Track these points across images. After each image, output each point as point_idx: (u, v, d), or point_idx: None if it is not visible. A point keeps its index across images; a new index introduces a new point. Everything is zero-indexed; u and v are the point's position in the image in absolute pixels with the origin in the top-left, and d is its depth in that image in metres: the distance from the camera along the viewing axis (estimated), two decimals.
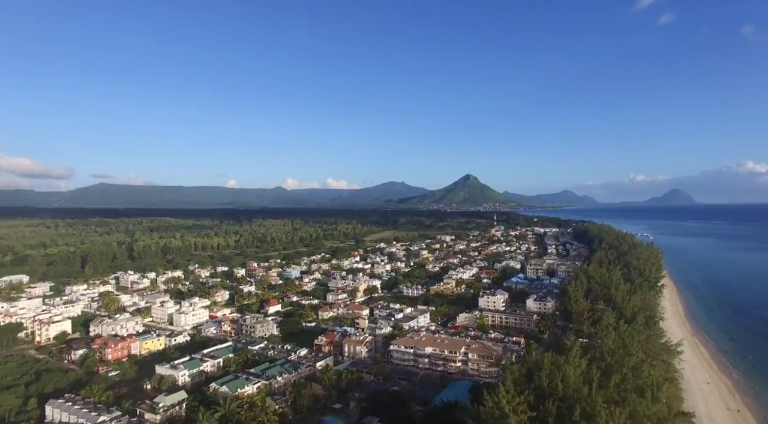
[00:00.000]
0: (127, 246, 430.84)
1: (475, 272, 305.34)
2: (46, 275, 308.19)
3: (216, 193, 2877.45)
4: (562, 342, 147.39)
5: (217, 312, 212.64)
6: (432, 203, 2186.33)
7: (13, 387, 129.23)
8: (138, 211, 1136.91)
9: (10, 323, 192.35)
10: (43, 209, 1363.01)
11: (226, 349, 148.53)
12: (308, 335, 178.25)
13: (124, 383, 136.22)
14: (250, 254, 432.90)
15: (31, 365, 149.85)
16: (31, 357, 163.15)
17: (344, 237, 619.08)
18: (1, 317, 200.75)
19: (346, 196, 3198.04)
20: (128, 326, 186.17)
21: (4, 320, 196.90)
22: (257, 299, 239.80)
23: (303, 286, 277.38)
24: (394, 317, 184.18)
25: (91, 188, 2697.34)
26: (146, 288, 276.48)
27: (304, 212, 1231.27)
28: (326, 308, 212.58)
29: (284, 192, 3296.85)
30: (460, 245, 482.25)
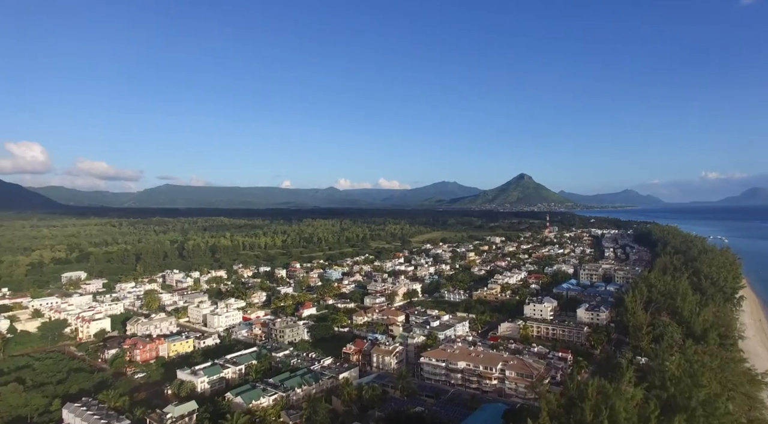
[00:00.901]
0: (178, 245, 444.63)
1: (523, 277, 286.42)
2: (102, 272, 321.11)
3: (271, 194, 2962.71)
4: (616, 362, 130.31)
5: (251, 314, 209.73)
6: (484, 203, 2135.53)
7: (44, 385, 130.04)
8: (196, 211, 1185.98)
9: (58, 318, 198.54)
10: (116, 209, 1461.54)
11: (249, 355, 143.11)
12: (339, 341, 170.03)
13: (147, 386, 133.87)
14: (295, 254, 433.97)
15: (66, 362, 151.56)
16: (70, 354, 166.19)
17: (391, 238, 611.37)
18: (51, 312, 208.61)
19: (397, 196, 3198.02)
20: (162, 326, 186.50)
21: (54, 315, 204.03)
22: (293, 301, 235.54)
23: (342, 288, 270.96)
24: (430, 324, 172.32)
25: (156, 189, 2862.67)
26: (188, 287, 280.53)
27: (354, 212, 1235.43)
28: (361, 312, 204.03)
29: (336, 192, 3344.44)
30: (510, 247, 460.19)
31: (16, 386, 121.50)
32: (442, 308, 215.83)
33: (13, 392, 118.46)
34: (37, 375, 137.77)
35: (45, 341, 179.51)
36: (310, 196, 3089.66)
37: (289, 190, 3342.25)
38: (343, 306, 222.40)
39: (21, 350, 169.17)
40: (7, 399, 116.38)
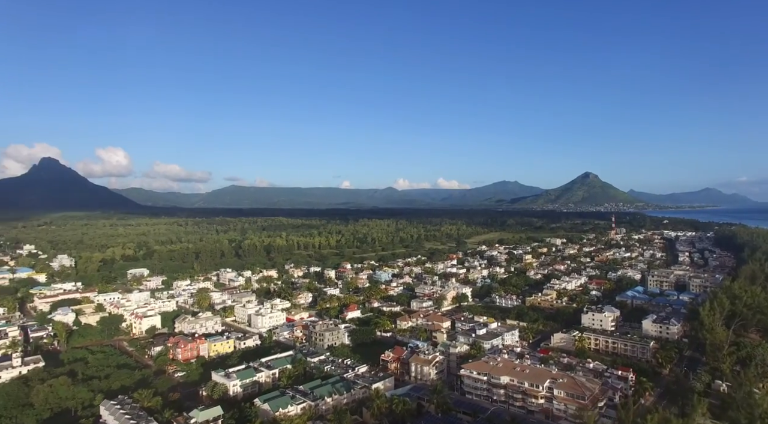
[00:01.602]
0: (236, 244, 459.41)
1: (583, 282, 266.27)
2: (163, 269, 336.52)
3: (330, 194, 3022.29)
4: (688, 386, 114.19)
5: (295, 315, 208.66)
6: (546, 203, 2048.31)
7: (92, 379, 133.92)
8: (258, 211, 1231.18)
9: (115, 314, 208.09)
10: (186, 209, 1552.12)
11: (284, 359, 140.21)
12: (380, 346, 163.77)
13: (184, 386, 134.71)
14: (348, 255, 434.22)
15: (115, 357, 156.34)
16: (122, 349, 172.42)
17: (446, 238, 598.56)
18: (111, 307, 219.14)
19: (456, 196, 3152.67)
20: (207, 324, 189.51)
21: (113, 310, 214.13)
22: (339, 302, 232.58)
23: (389, 290, 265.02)
24: (476, 332, 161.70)
25: (223, 190, 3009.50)
26: (239, 286, 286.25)
27: (411, 212, 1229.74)
28: (405, 317, 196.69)
29: (395, 192, 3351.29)
30: (571, 250, 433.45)
31: (65, 378, 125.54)
32: (491, 314, 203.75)
33: (62, 385, 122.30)
34: (87, 368, 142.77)
35: (103, 335, 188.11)
36: (369, 196, 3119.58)
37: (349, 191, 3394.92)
38: (388, 309, 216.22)
39: (82, 343, 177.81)
40: (57, 391, 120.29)
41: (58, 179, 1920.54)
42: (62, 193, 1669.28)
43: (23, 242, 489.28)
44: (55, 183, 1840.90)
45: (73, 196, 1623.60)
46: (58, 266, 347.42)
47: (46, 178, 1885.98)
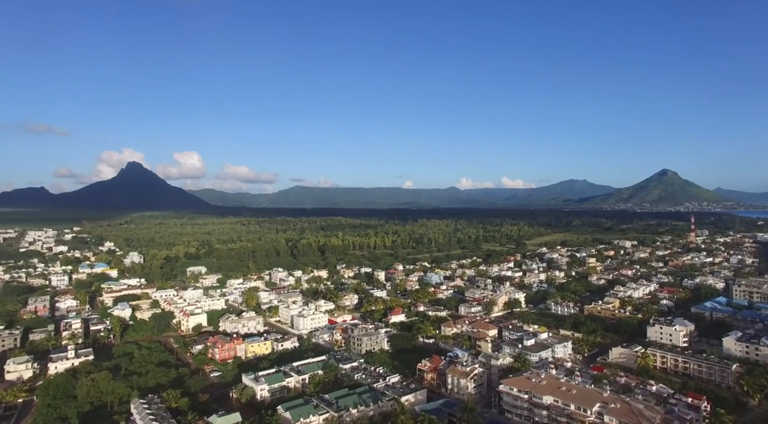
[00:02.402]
0: (292, 244, 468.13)
1: (653, 290, 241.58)
2: (220, 267, 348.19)
3: (393, 194, 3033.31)
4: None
5: (338, 317, 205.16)
6: (618, 203, 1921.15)
7: (132, 375, 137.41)
8: (320, 211, 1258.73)
9: (168, 310, 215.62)
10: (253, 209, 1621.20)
11: (316, 364, 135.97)
12: (421, 354, 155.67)
13: (215, 387, 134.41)
14: (402, 255, 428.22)
15: (159, 354, 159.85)
16: (168, 345, 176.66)
17: (506, 239, 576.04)
18: (165, 304, 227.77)
19: (520, 195, 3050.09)
20: (249, 324, 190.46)
21: (166, 307, 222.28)
22: (384, 305, 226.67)
23: (438, 293, 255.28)
24: (523, 342, 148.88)
25: (289, 191, 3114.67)
26: (289, 286, 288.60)
27: (473, 212, 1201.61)
28: (450, 322, 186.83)
29: (457, 192, 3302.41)
30: (642, 253, 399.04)
31: (106, 373, 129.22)
32: (544, 322, 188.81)
33: (103, 379, 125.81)
34: (131, 364, 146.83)
35: (155, 330, 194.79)
36: (431, 196, 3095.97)
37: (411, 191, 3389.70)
38: (434, 314, 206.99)
39: (134, 338, 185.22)
40: (98, 385, 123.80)
41: (141, 181, 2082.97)
42: (144, 194, 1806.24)
43: (105, 240, 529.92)
44: (139, 185, 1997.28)
45: (153, 197, 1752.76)
46: (130, 262, 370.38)
47: (132, 181, 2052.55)
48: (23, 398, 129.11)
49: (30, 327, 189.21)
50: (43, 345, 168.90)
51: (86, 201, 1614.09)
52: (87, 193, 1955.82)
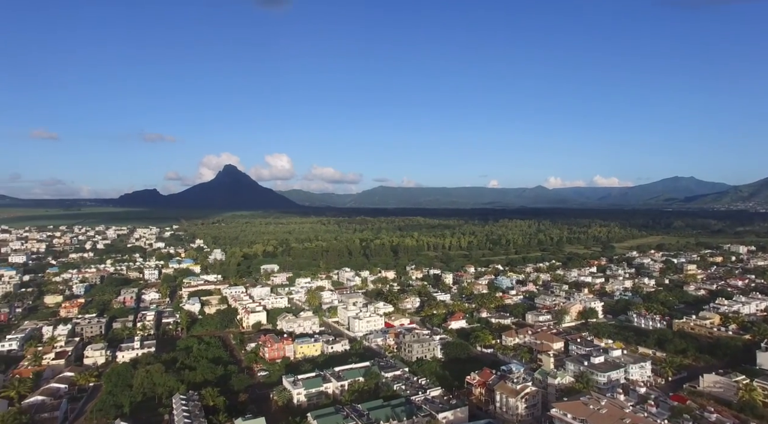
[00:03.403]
0: (366, 243, 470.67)
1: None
2: (292, 265, 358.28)
3: (476, 194, 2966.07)
4: None
5: (395, 320, 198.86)
6: (734, 202, 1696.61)
7: (185, 369, 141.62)
8: (401, 210, 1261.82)
9: (233, 307, 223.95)
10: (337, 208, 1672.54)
11: (358, 371, 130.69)
12: (476, 364, 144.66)
13: (260, 386, 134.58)
14: (475, 257, 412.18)
15: (215, 350, 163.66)
16: (227, 341, 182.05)
17: (592, 242, 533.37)
18: (232, 300, 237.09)
19: (615, 194, 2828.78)
20: (305, 324, 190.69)
21: (233, 303, 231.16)
22: (446, 310, 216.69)
23: (506, 299, 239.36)
24: (590, 360, 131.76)
25: (372, 191, 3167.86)
26: (355, 286, 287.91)
27: (560, 212, 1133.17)
28: (512, 332, 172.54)
29: (545, 191, 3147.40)
30: (760, 261, 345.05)
31: (159, 366, 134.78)
32: (622, 336, 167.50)
33: (157, 371, 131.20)
34: (187, 358, 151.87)
35: (219, 326, 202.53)
36: (517, 195, 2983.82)
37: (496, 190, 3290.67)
38: (497, 321, 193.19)
39: (199, 332, 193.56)
40: (152, 376, 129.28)
41: (235, 183, 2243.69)
42: (237, 195, 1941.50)
43: (197, 237, 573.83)
44: (233, 186, 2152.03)
45: (246, 197, 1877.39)
46: (213, 259, 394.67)
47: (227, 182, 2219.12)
48: (93, 382, 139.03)
49: (115, 316, 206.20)
50: (120, 334, 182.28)
51: (189, 201, 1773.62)
52: (190, 194, 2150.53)
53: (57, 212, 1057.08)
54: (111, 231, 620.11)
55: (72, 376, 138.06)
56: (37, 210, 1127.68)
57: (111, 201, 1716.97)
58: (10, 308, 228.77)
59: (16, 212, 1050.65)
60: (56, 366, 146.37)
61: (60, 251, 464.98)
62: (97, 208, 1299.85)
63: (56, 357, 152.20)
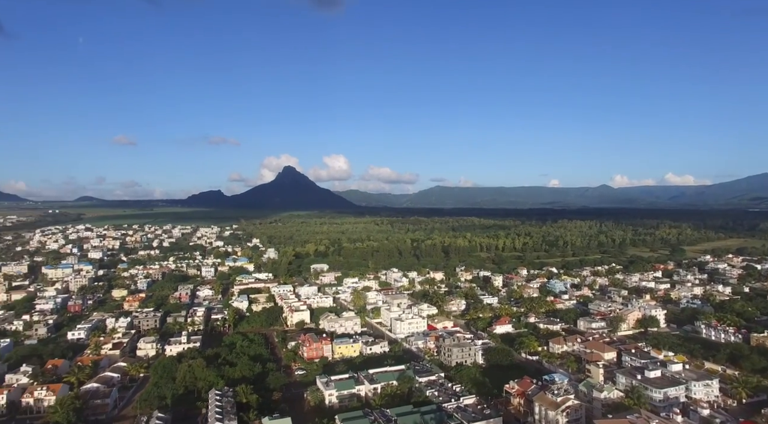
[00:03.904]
0: (417, 244, 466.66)
1: None
2: (342, 265, 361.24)
3: (535, 193, 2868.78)
4: None
5: (438, 323, 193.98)
6: None
7: (226, 365, 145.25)
8: (457, 211, 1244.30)
9: (279, 305, 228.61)
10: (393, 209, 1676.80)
11: (392, 374, 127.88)
12: (518, 372, 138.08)
13: (296, 385, 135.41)
14: (529, 259, 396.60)
15: (257, 347, 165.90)
16: (271, 339, 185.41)
17: (660, 244, 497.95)
18: (278, 298, 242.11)
19: (690, 193, 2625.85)
20: (347, 324, 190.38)
21: (279, 302, 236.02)
22: (492, 313, 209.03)
23: (558, 303, 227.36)
24: (644, 373, 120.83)
25: (429, 191, 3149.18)
26: (401, 287, 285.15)
27: (626, 212, 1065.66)
28: (560, 339, 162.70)
29: (609, 190, 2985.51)
30: None
31: (201, 361, 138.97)
32: (687, 349, 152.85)
33: (198, 366, 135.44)
34: (229, 354, 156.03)
35: (264, 323, 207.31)
36: (579, 194, 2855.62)
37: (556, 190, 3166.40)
38: (545, 327, 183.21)
39: (245, 329, 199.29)
40: (194, 371, 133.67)
41: (294, 184, 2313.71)
42: (296, 195, 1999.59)
43: (254, 236, 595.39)
44: (292, 187, 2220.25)
45: (304, 198, 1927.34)
46: (266, 258, 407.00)
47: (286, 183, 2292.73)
48: (143, 373, 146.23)
49: (169, 311, 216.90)
50: (172, 328, 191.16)
51: (250, 202, 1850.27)
52: (251, 195, 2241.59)
53: (133, 212, 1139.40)
54: (176, 230, 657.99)
55: (125, 366, 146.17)
56: (117, 210, 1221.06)
57: (179, 201, 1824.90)
58: (83, 300, 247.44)
59: (99, 211, 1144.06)
60: (112, 356, 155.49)
61: (131, 248, 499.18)
62: (167, 209, 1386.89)
63: (113, 348, 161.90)
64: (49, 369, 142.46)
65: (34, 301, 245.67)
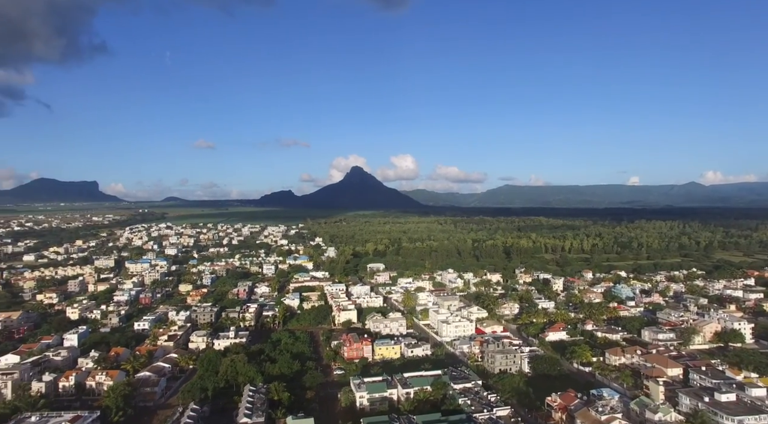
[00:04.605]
0: (478, 244, 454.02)
1: None
2: (398, 265, 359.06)
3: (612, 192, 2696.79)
4: None
5: (487, 327, 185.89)
6: None
7: (267, 361, 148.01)
8: (525, 210, 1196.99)
9: (329, 304, 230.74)
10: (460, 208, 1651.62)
11: (426, 379, 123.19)
12: (566, 383, 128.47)
13: (333, 385, 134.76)
14: (597, 261, 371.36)
15: (301, 345, 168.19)
16: (316, 337, 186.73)
17: (758, 248, 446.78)
18: (329, 297, 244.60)
19: None
20: (392, 326, 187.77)
21: (330, 300, 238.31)
22: (547, 318, 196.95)
23: (623, 310, 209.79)
24: (714, 396, 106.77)
25: (497, 190, 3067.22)
26: (455, 288, 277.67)
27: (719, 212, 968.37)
28: (617, 350, 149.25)
29: (699, 188, 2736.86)
30: None
31: (242, 356, 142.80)
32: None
33: (240, 361, 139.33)
34: (273, 350, 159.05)
35: (313, 321, 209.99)
36: (663, 193, 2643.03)
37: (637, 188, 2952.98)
38: (603, 336, 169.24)
39: (294, 326, 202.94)
40: (235, 366, 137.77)
41: (361, 183, 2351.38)
42: (363, 195, 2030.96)
43: (318, 235, 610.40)
44: (359, 186, 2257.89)
45: (371, 198, 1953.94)
46: (325, 257, 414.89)
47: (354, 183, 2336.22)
48: (192, 365, 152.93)
49: (225, 307, 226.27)
50: (225, 323, 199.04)
51: (318, 201, 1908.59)
52: (320, 195, 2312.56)
53: (210, 212, 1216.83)
54: (246, 229, 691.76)
55: (176, 357, 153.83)
56: (196, 209, 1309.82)
57: (252, 201, 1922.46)
58: (152, 294, 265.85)
59: (181, 211, 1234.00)
60: (167, 347, 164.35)
61: (203, 245, 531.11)
62: (241, 208, 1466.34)
63: (168, 339, 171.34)
64: (111, 356, 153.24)
65: (113, 292, 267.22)
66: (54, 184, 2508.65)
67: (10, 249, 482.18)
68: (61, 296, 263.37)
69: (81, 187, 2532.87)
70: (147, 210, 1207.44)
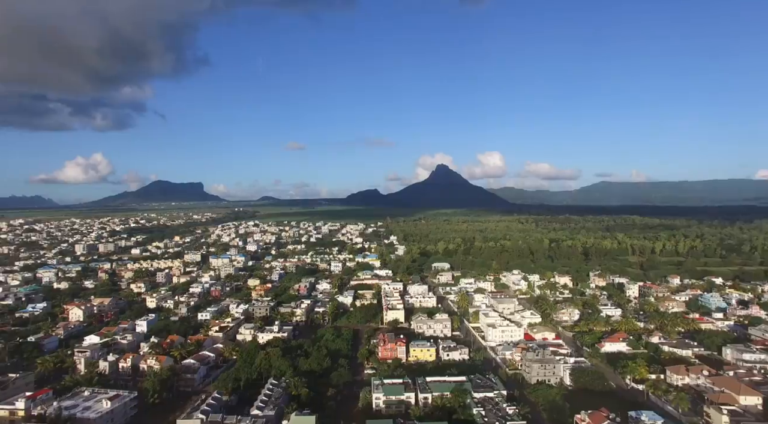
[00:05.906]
0: (556, 244, 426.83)
1: None
2: (463, 264, 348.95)
3: (733, 187, 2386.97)
4: None
5: (537, 333, 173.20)
6: None
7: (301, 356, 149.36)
8: (622, 208, 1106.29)
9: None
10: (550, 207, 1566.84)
11: (448, 385, 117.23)
12: (608, 401, 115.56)
13: (359, 384, 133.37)
14: (688, 266, 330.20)
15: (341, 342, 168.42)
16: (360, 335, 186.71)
17: None
18: (383, 296, 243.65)
19: None
20: (436, 327, 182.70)
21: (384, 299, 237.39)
22: (608, 327, 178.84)
23: (706, 323, 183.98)
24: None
25: (592, 187, 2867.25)
26: (518, 290, 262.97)
27: None
28: (681, 368, 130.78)
29: None
30: None
31: (277, 350, 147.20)
32: None
33: (274, 355, 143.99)
34: (311, 346, 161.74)
35: (362, 319, 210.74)
36: None
37: (766, 182, 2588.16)
38: (671, 351, 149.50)
39: (343, 323, 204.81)
40: (269, 359, 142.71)
41: (447, 182, 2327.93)
42: (448, 194, 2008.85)
43: (393, 234, 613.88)
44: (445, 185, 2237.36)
45: (456, 196, 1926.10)
46: (394, 255, 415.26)
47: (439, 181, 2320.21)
48: (235, 355, 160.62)
49: (281, 302, 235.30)
50: (276, 318, 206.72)
51: (403, 200, 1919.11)
52: (405, 193, 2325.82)
53: (298, 210, 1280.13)
54: (325, 227, 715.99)
55: (221, 347, 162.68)
56: (285, 208, 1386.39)
57: (339, 200, 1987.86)
58: (222, 287, 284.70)
59: (272, 210, 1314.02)
60: (216, 338, 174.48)
61: (283, 242, 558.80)
62: (328, 207, 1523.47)
63: (219, 330, 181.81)
64: (166, 343, 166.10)
65: (191, 285, 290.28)
66: (167, 185, 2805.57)
67: (123, 243, 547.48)
68: (148, 286, 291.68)
69: (189, 188, 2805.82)
70: (241, 209, 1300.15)
